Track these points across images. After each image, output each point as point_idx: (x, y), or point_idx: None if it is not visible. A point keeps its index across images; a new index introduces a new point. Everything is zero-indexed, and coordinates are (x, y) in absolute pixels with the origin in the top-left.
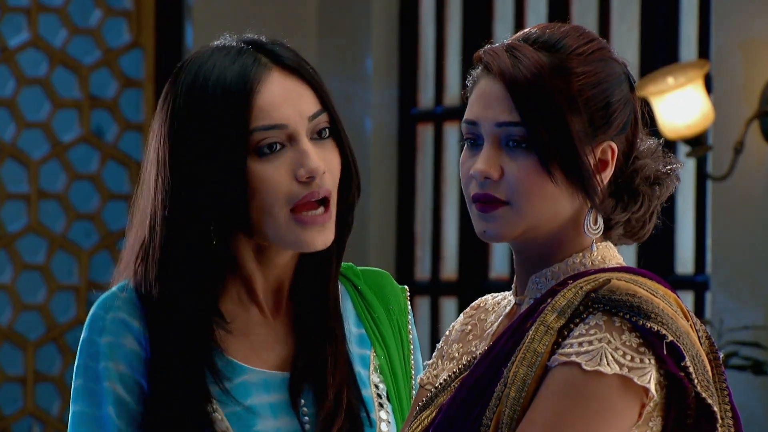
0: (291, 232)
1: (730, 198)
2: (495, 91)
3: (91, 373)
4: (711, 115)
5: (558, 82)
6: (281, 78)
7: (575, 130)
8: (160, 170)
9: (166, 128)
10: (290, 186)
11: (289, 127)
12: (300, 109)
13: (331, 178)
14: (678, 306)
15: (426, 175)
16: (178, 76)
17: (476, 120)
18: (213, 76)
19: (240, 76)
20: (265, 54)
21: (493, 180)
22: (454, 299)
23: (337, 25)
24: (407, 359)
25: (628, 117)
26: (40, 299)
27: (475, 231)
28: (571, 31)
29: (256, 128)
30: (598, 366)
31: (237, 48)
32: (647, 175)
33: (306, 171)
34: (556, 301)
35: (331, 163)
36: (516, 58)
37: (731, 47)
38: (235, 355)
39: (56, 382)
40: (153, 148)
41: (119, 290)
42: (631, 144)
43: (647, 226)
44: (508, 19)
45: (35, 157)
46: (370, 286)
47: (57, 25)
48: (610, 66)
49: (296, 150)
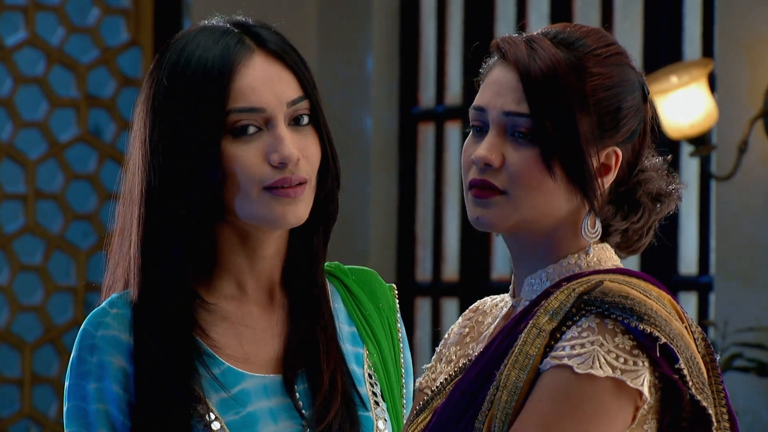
0: (263, 205)
1: (734, 198)
2: (508, 79)
3: (81, 393)
4: (715, 115)
5: (572, 80)
6: (263, 61)
7: (582, 129)
8: (140, 149)
9: (148, 105)
10: (262, 168)
11: (267, 111)
12: (279, 93)
13: (308, 166)
14: (672, 307)
15: (427, 175)
16: (164, 54)
17: (485, 106)
18: (195, 55)
19: (221, 57)
20: (250, 36)
21: (493, 168)
22: (455, 300)
23: (338, 22)
24: (398, 358)
25: (637, 126)
26: (38, 300)
27: (468, 218)
28: (592, 32)
29: (233, 109)
30: (591, 369)
31: (222, 29)
32: (650, 189)
33: (279, 156)
34: (549, 303)
35: (308, 150)
36: (533, 49)
37: (735, 46)
38: (232, 359)
39: (54, 383)
40: (136, 126)
41: (109, 305)
42: (638, 154)
43: (644, 239)
44: (510, 17)
45: (32, 157)
46: (359, 284)
47: (54, 24)
48: (625, 72)
49: (272, 135)
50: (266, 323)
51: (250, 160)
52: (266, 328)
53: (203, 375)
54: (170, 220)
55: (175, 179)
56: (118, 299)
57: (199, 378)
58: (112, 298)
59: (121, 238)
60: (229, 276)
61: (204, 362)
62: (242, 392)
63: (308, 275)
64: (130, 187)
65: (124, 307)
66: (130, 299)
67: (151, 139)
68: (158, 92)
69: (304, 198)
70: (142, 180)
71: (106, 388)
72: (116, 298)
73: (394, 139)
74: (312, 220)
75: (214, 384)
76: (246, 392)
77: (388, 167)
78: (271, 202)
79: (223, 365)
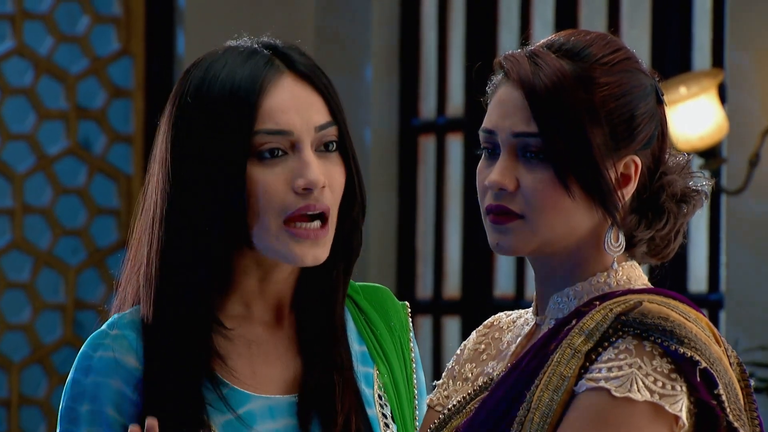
0: (281, 243)
1: (745, 213)
2: (513, 99)
3: (72, 416)
4: (725, 126)
5: (580, 93)
6: (293, 83)
7: (595, 142)
8: (161, 168)
9: (171, 124)
10: (285, 195)
11: (294, 135)
12: (308, 117)
13: (332, 195)
14: (711, 331)
15: (428, 188)
16: (189, 72)
17: (493, 129)
18: (222, 74)
19: (250, 77)
20: (279, 57)
21: (508, 192)
22: (457, 318)
23: (335, 30)
24: (410, 378)
25: (654, 131)
26: (25, 319)
27: (489, 243)
28: (597, 39)
29: (260, 131)
30: (629, 392)
31: (250, 49)
32: (674, 192)
33: (304, 181)
34: (584, 323)
35: (334, 178)
36: (537, 65)
37: (746, 55)
38: (238, 381)
39: (42, 405)
40: (158, 145)
41: (109, 327)
42: (658, 159)
43: (672, 244)
44: (513, 25)
45: (20, 171)
46: (371, 302)
47: (43, 33)
48: (635, 77)
49: (298, 159)
50: (271, 343)
51: (273, 185)
52: (271, 348)
53: (208, 396)
54: (191, 244)
55: (197, 203)
56: (119, 320)
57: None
58: (113, 320)
59: (134, 260)
60: (236, 296)
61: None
62: (247, 414)
63: (324, 311)
64: (149, 206)
65: (125, 328)
66: (131, 320)
67: (173, 159)
68: (182, 111)
69: (327, 239)
70: (163, 200)
71: (100, 411)
72: (117, 319)
73: (394, 152)
74: (332, 253)
75: (220, 405)
76: (251, 414)
77: (388, 181)
78: (289, 241)
79: (228, 386)
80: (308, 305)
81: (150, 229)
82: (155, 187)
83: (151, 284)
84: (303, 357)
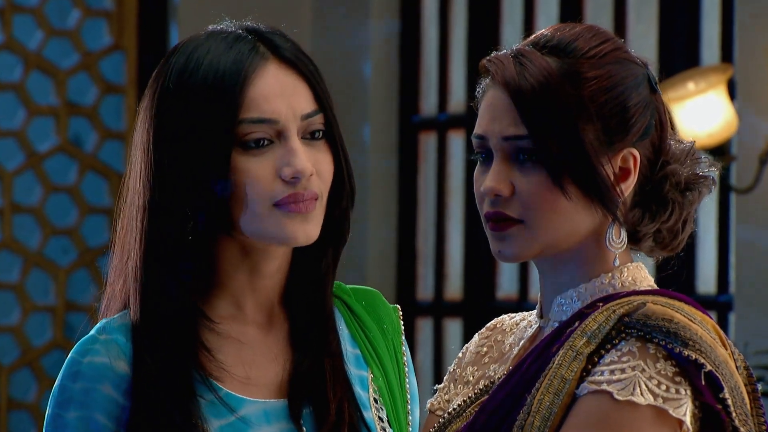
0: (272, 222)
1: (754, 211)
2: (501, 102)
3: (59, 423)
4: (734, 123)
5: (567, 89)
6: (277, 70)
7: (588, 139)
8: (144, 156)
9: (151, 112)
10: (273, 184)
11: (280, 123)
12: (293, 105)
13: (320, 182)
14: (716, 333)
15: (429, 187)
16: (170, 57)
17: (484, 134)
18: (206, 60)
19: (234, 64)
20: (264, 43)
21: (504, 197)
22: (458, 321)
23: (333, 25)
24: (403, 382)
25: (650, 121)
26: (14, 320)
27: (491, 251)
28: (584, 32)
29: (244, 120)
30: (631, 396)
31: (235, 34)
32: (677, 181)
33: (291, 170)
34: (586, 324)
35: (321, 165)
36: (522, 65)
37: (756, 50)
38: (231, 385)
39: (31, 409)
40: (139, 133)
41: (98, 332)
42: (658, 149)
43: (680, 235)
44: (517, 19)
45: (9, 168)
46: (362, 305)
47: (32, 27)
48: (626, 68)
49: (284, 147)
50: (264, 345)
51: (260, 174)
52: (264, 350)
53: (203, 400)
54: (173, 234)
55: (180, 192)
56: (108, 324)
57: (198, 403)
58: (102, 324)
59: (121, 251)
60: (226, 295)
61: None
62: (243, 418)
63: (315, 299)
64: (131, 198)
65: (114, 332)
66: (122, 324)
67: (155, 148)
68: (163, 98)
69: (316, 215)
70: (145, 191)
71: (90, 418)
72: (106, 324)
73: (394, 149)
74: (321, 240)
75: (215, 409)
76: (247, 418)
77: (388, 179)
78: (281, 218)
79: (222, 390)
80: (299, 296)
81: (135, 219)
82: (137, 178)
83: (137, 276)
84: (295, 350)
